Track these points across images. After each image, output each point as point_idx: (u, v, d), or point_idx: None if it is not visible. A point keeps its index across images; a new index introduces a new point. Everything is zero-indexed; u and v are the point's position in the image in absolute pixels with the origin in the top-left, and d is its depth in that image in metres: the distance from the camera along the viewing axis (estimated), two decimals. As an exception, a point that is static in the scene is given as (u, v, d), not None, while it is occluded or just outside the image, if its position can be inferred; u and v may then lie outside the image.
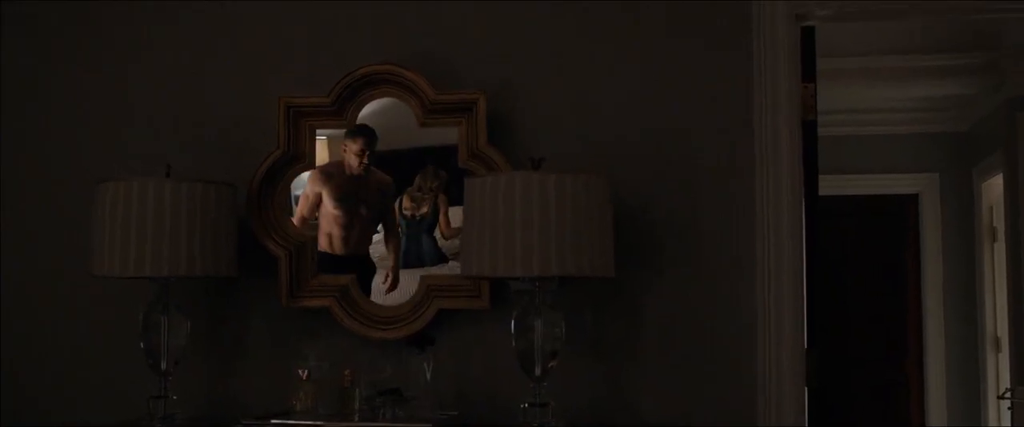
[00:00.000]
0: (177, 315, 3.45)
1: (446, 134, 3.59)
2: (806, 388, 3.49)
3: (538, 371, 3.18)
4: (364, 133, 3.64)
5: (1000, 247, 7.14)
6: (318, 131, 3.66)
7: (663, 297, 3.54)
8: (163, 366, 3.42)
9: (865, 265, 8.13)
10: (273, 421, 3.33)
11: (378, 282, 3.65)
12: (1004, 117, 6.65)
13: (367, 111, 3.65)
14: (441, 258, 3.65)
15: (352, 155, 3.66)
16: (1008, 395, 6.18)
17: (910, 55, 6.27)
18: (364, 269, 3.67)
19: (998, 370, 7.27)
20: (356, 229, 3.69)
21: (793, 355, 3.44)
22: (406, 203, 3.67)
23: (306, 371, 3.43)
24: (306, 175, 3.68)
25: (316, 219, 3.69)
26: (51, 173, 3.89)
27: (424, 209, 3.65)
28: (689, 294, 3.54)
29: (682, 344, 3.52)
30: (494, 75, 3.62)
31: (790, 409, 3.43)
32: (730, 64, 3.55)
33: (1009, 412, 6.15)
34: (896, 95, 7.31)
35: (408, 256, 3.66)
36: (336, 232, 3.68)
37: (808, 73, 3.59)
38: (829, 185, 4.11)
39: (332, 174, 3.68)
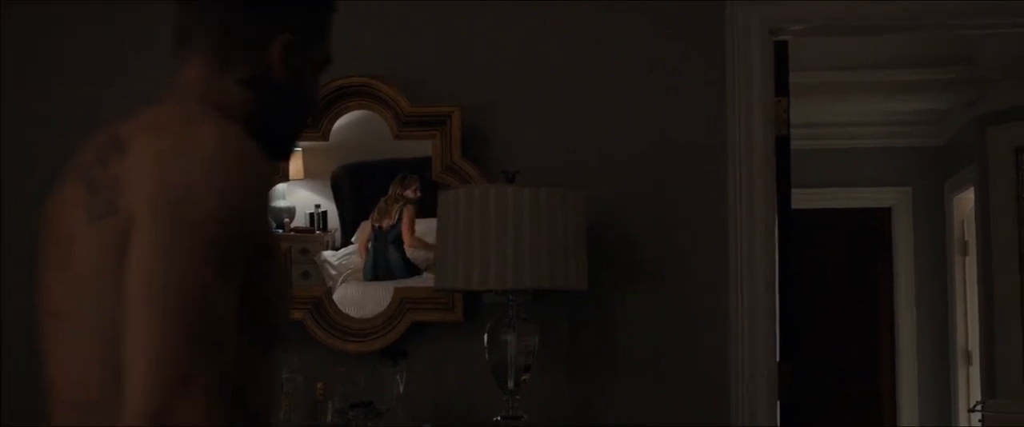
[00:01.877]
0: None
1: (421, 147, 3.59)
2: (779, 400, 3.50)
3: (511, 384, 3.18)
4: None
5: (971, 261, 7.19)
6: (293, 143, 3.65)
7: (637, 310, 3.54)
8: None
9: (839, 278, 8.16)
10: (245, 434, 3.32)
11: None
12: (976, 132, 6.70)
13: (342, 123, 3.65)
14: (411, 269, 3.64)
15: None
16: (979, 407, 6.21)
17: (883, 70, 6.31)
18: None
19: (969, 383, 7.31)
20: None
21: (766, 367, 3.45)
22: (376, 214, 3.67)
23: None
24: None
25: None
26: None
27: (388, 220, 3.65)
28: (663, 307, 3.55)
29: (656, 357, 3.53)
30: (469, 89, 3.63)
31: (763, 421, 3.44)
32: (704, 78, 3.57)
33: (980, 425, 6.18)
34: (870, 109, 7.35)
35: (377, 268, 3.66)
36: None
37: (781, 87, 3.61)
38: (803, 198, 4.13)
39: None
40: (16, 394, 3.77)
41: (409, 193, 3.65)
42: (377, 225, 3.66)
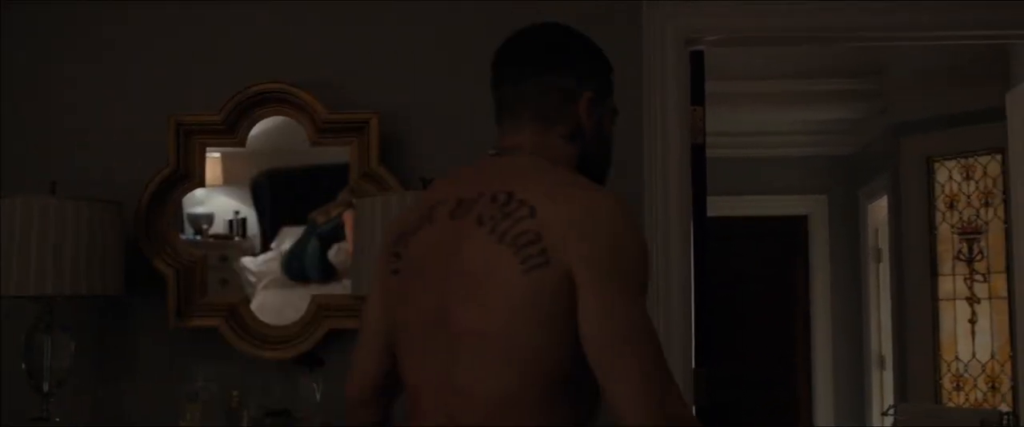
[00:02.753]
0: (61, 335, 3.38)
1: (338, 153, 3.58)
2: (695, 406, 3.54)
3: (428, 391, 3.18)
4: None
5: (884, 268, 7.32)
6: (209, 149, 3.63)
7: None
8: (45, 388, 3.35)
9: (756, 285, 8.27)
10: (159, 443, 3.29)
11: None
12: (889, 142, 6.82)
13: (259, 130, 3.63)
14: (326, 270, 3.62)
15: None
16: (891, 411, 6.32)
17: (797, 80, 6.41)
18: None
19: (882, 387, 7.44)
20: None
21: (682, 373, 3.49)
22: (318, 214, 3.65)
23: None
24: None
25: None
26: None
27: (324, 217, 3.63)
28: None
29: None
30: (387, 96, 3.63)
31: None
32: (620, 87, 3.58)
33: (893, 429, 6.30)
34: (784, 118, 7.45)
35: (292, 261, 3.64)
36: None
37: (697, 97, 3.65)
38: (720, 206, 4.18)
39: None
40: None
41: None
42: (313, 218, 3.65)
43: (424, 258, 1.92)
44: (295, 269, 3.65)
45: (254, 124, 3.61)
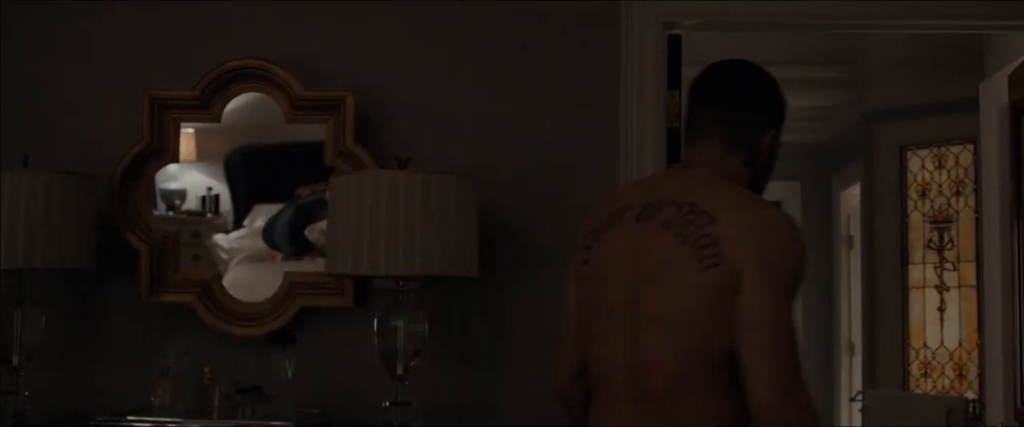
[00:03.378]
0: (32, 308, 3.37)
1: (314, 131, 3.57)
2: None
3: (400, 370, 3.19)
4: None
5: (856, 255, 7.37)
6: (184, 124, 3.62)
7: (529, 299, 3.57)
8: (15, 361, 3.34)
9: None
10: (130, 418, 3.28)
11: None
12: (862, 129, 6.86)
13: (234, 106, 3.61)
14: (296, 242, 3.62)
15: None
16: (859, 397, 6.38)
17: (773, 66, 6.40)
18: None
19: (851, 373, 7.49)
20: None
21: (652, 357, 3.51)
22: (305, 188, 3.64)
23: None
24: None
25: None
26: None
27: (309, 191, 3.63)
28: (554, 297, 3.56)
29: (545, 345, 3.55)
30: (364, 75, 3.62)
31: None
32: (598, 70, 3.60)
33: (860, 414, 6.35)
34: (760, 105, 7.48)
35: (270, 226, 3.65)
36: None
37: (674, 81, 3.66)
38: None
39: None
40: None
41: None
42: (298, 192, 3.64)
43: (612, 254, 2.28)
44: (269, 234, 3.65)
45: (229, 100, 3.60)
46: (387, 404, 3.20)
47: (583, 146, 3.59)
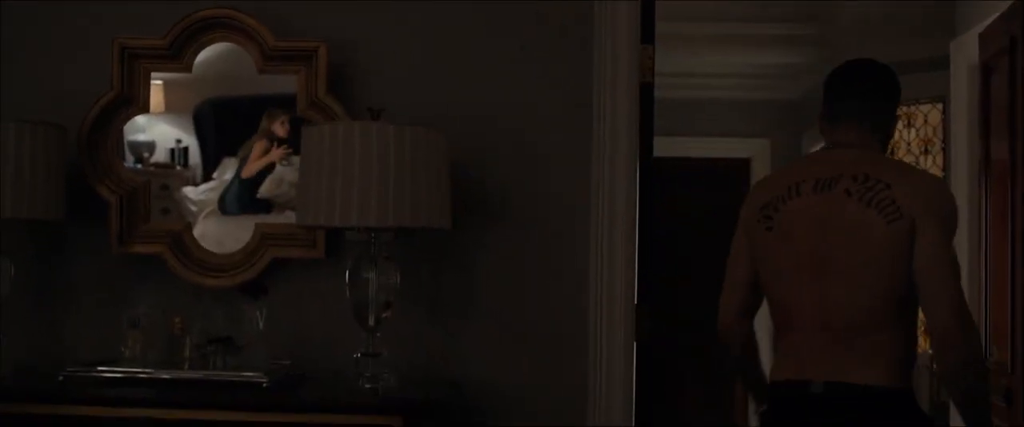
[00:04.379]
0: (0, 259, 3.35)
1: (286, 82, 3.55)
2: (636, 340, 3.58)
3: (372, 321, 3.19)
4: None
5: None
6: (154, 74, 3.59)
7: (499, 252, 3.58)
8: (-16, 311, 3.32)
9: (697, 227, 8.34)
10: (100, 368, 3.27)
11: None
12: (832, 87, 6.87)
13: (205, 56, 3.58)
14: (257, 205, 3.62)
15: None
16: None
17: (745, 24, 6.44)
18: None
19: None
20: None
21: (624, 309, 3.53)
22: (242, 149, 3.64)
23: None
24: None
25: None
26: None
27: (244, 152, 3.62)
28: (525, 249, 3.59)
29: (516, 298, 3.58)
30: (337, 25, 3.60)
31: (619, 361, 3.52)
32: (572, 24, 3.60)
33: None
34: (730, 62, 7.49)
35: (223, 198, 3.64)
36: None
37: (647, 35, 3.66)
38: (664, 147, 4.19)
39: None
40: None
41: (276, 128, 3.62)
42: (243, 156, 3.64)
43: (796, 219, 2.82)
44: (222, 207, 3.64)
45: (201, 50, 3.56)
46: (358, 355, 3.21)
47: (557, 101, 3.59)
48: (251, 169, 3.62)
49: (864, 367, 2.69)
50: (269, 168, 3.61)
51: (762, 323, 3.15)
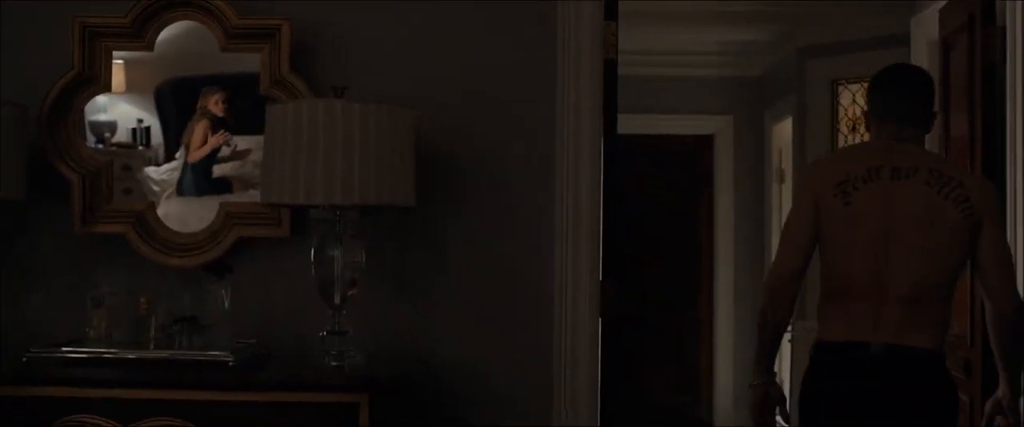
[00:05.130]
0: (-38, 239, 3.33)
1: (249, 61, 3.53)
2: (601, 317, 3.60)
3: (337, 299, 3.20)
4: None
5: (787, 188, 7.47)
6: (115, 53, 3.56)
7: (464, 230, 3.59)
8: (-54, 291, 3.29)
9: (661, 204, 8.37)
10: (65, 348, 3.25)
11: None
12: (794, 64, 6.92)
13: (167, 34, 3.56)
14: (215, 186, 3.62)
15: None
16: (789, 328, 6.48)
17: (709, 1, 6.45)
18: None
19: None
20: None
21: (589, 285, 3.55)
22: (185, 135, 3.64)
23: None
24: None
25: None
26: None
27: (188, 136, 3.62)
28: (490, 227, 3.60)
29: (482, 276, 3.59)
30: (301, 4, 3.58)
31: (585, 337, 3.54)
32: (537, 1, 3.60)
33: (789, 344, 6.46)
34: (693, 39, 7.51)
35: (181, 184, 3.65)
36: None
37: (611, 12, 3.66)
38: (628, 124, 4.20)
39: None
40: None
41: (212, 106, 3.60)
42: (186, 143, 3.62)
43: (872, 201, 3.10)
44: (181, 191, 3.64)
45: (163, 28, 3.54)
46: (324, 333, 3.21)
47: (521, 78, 3.60)
48: (194, 156, 3.61)
49: (919, 332, 3.05)
50: (216, 150, 3.60)
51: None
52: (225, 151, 3.61)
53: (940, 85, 4.30)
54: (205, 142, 3.60)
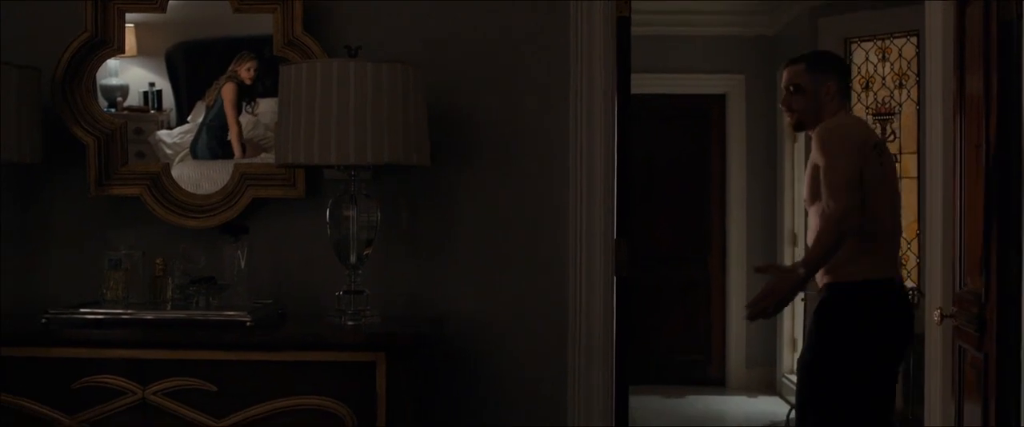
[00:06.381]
0: (-21, 202, 3.34)
1: (262, 25, 3.53)
2: (615, 275, 3.61)
3: (353, 259, 3.21)
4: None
5: (800, 147, 7.45)
6: (128, 15, 3.56)
7: (479, 189, 3.59)
8: (-35, 254, 3.31)
9: (672, 162, 8.35)
10: (82, 310, 3.27)
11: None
12: (807, 23, 6.88)
13: (180, -4, 3.56)
14: (223, 151, 3.63)
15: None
16: (802, 288, 6.48)
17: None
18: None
19: (794, 262, 7.60)
20: None
21: (603, 244, 3.55)
22: (207, 96, 3.63)
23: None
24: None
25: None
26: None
27: (210, 99, 3.62)
28: (504, 185, 3.60)
29: (497, 235, 3.59)
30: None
31: (599, 295, 3.55)
32: (547, -42, 3.59)
33: (802, 304, 6.47)
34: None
35: (195, 145, 3.65)
36: None
37: (623, -30, 3.65)
38: (640, 83, 4.20)
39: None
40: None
41: (243, 73, 3.60)
42: (208, 104, 3.62)
43: (888, 163, 3.74)
44: (194, 154, 3.64)
45: (175, -10, 3.55)
46: (340, 293, 3.22)
47: (533, 37, 3.59)
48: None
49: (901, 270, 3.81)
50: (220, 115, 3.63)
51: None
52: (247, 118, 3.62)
53: (955, 43, 4.27)
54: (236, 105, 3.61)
